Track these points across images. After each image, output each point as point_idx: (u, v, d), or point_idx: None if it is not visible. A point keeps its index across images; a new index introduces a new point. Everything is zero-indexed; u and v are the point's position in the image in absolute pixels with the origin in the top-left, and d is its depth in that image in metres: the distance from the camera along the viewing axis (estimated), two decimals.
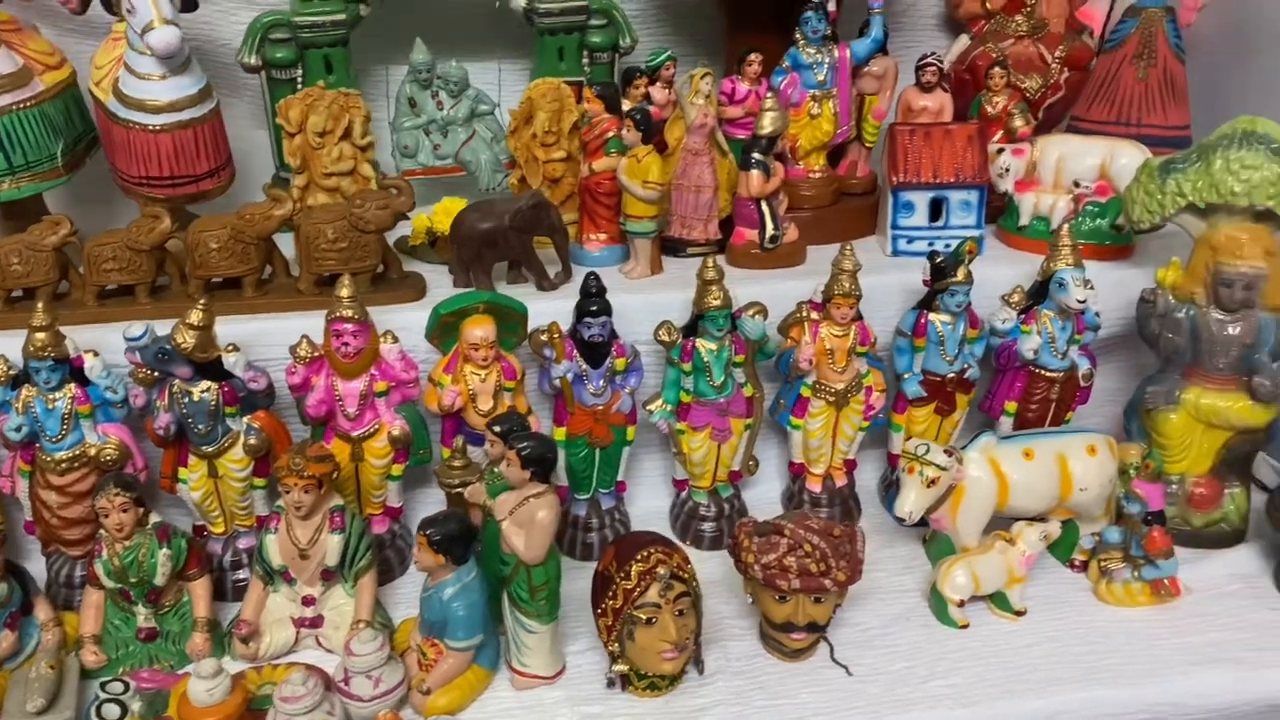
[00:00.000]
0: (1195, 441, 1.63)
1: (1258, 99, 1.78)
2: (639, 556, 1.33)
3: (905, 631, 1.51)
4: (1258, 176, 1.51)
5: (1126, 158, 1.74)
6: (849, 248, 1.59)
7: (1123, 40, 1.90)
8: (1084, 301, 1.59)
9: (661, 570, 1.32)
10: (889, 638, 1.50)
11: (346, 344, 1.46)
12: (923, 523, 1.58)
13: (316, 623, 1.45)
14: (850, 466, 1.74)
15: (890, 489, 1.77)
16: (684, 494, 1.71)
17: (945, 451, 1.49)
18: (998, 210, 1.92)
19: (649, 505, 1.77)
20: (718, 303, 1.55)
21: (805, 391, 1.66)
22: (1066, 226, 1.64)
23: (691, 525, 1.69)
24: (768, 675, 1.43)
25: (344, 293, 1.46)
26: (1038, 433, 1.62)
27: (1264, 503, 1.61)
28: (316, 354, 1.49)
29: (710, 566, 1.59)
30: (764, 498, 1.78)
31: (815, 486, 1.72)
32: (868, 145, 1.99)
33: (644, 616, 1.32)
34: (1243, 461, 1.66)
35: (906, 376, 1.67)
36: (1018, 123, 1.89)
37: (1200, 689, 1.42)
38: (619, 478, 1.67)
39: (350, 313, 1.45)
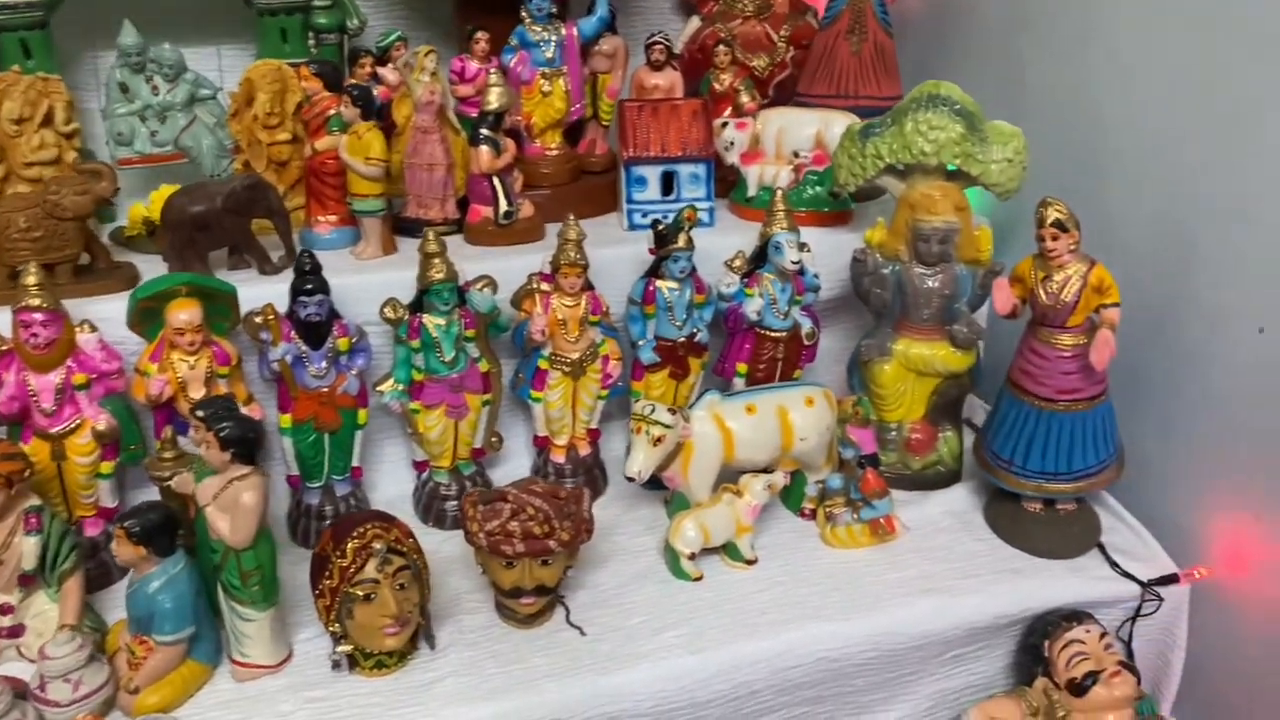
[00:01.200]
0: (908, 390, 1.74)
1: (960, 69, 1.92)
2: (354, 534, 1.32)
3: (642, 589, 1.55)
4: (943, 137, 1.63)
5: (839, 126, 1.84)
6: (573, 218, 1.63)
7: (836, 17, 2.01)
8: (798, 263, 1.68)
9: (378, 545, 1.31)
10: (625, 596, 1.54)
11: (35, 335, 1.39)
12: (661, 485, 1.63)
13: (16, 632, 1.37)
14: (594, 436, 1.77)
15: None
16: (425, 475, 1.71)
17: (670, 410, 1.54)
18: (731, 185, 2.00)
19: (392, 491, 1.76)
20: (441, 275, 1.55)
21: (543, 364, 1.69)
22: (781, 192, 1.72)
23: (434, 506, 1.68)
24: (502, 644, 1.45)
25: (29, 281, 1.38)
26: (759, 389, 1.69)
27: (973, 443, 1.73)
28: (5, 348, 1.41)
29: (454, 545, 1.59)
30: (513, 474, 1.79)
31: (560, 458, 1.75)
32: (604, 124, 2.03)
33: (362, 593, 1.31)
34: (952, 406, 1.79)
35: (640, 344, 1.72)
36: (744, 99, 1.97)
37: (914, 617, 1.52)
38: (354, 463, 1.65)
39: (37, 301, 1.38)
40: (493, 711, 1.33)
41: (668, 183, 1.88)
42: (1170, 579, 1.59)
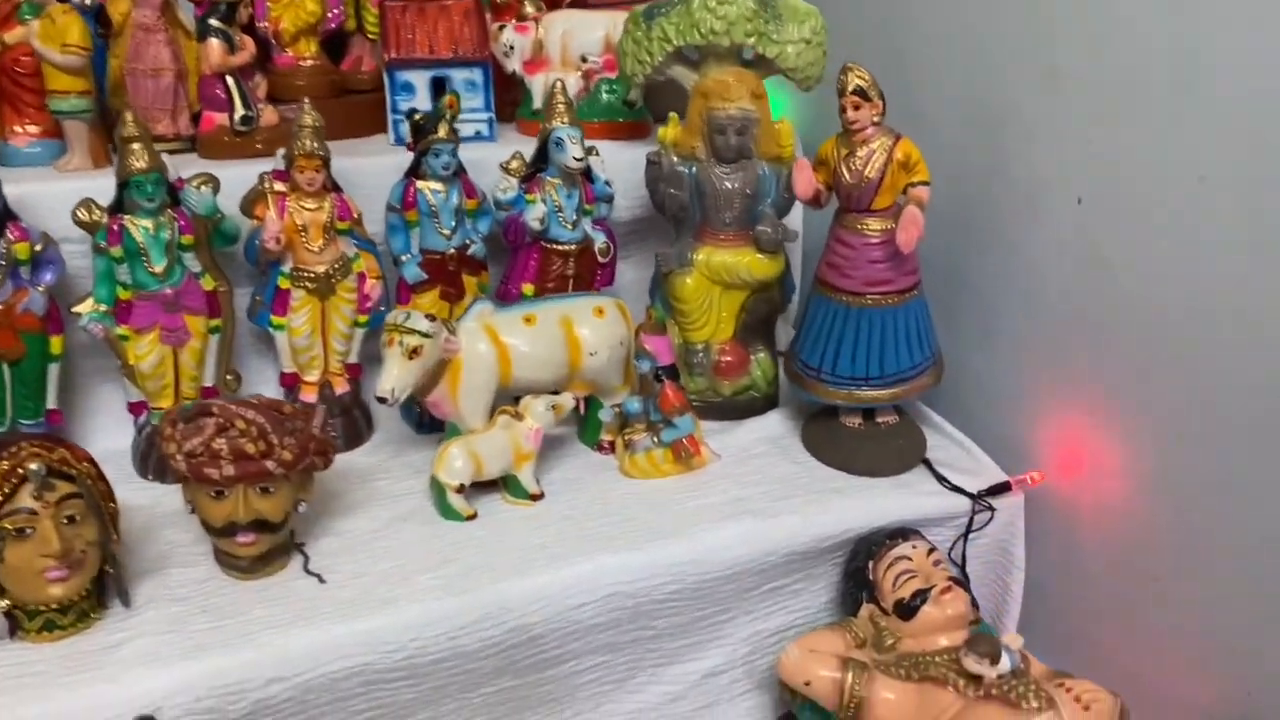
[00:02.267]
0: (714, 305, 1.57)
1: None
2: (3, 456, 1.04)
3: (402, 532, 1.32)
4: (734, 12, 1.48)
5: None
6: (307, 102, 1.40)
7: None
8: (582, 160, 1.49)
9: (34, 466, 1.04)
10: (381, 541, 1.30)
11: None
12: (436, 427, 1.40)
13: None
14: (353, 373, 1.53)
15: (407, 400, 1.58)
16: (143, 419, 1.43)
17: (428, 317, 1.32)
18: (517, 105, 1.81)
19: (111, 445, 1.46)
20: (143, 165, 1.30)
21: (283, 282, 1.44)
22: (560, 84, 1.54)
23: (152, 455, 1.40)
24: (218, 597, 1.19)
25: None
26: (539, 299, 1.49)
27: (783, 361, 1.57)
28: None
29: (176, 499, 1.31)
30: None
31: (311, 397, 1.50)
32: (371, 38, 1.81)
33: (13, 527, 1.03)
34: (764, 326, 1.63)
35: (405, 259, 1.49)
36: (529, 9, 1.79)
37: (721, 543, 1.33)
38: (49, 405, 1.36)
39: None
40: (192, 673, 1.07)
41: (439, 90, 1.67)
42: (1002, 487, 1.44)
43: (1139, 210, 1.26)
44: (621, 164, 1.66)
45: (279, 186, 1.41)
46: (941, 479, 1.46)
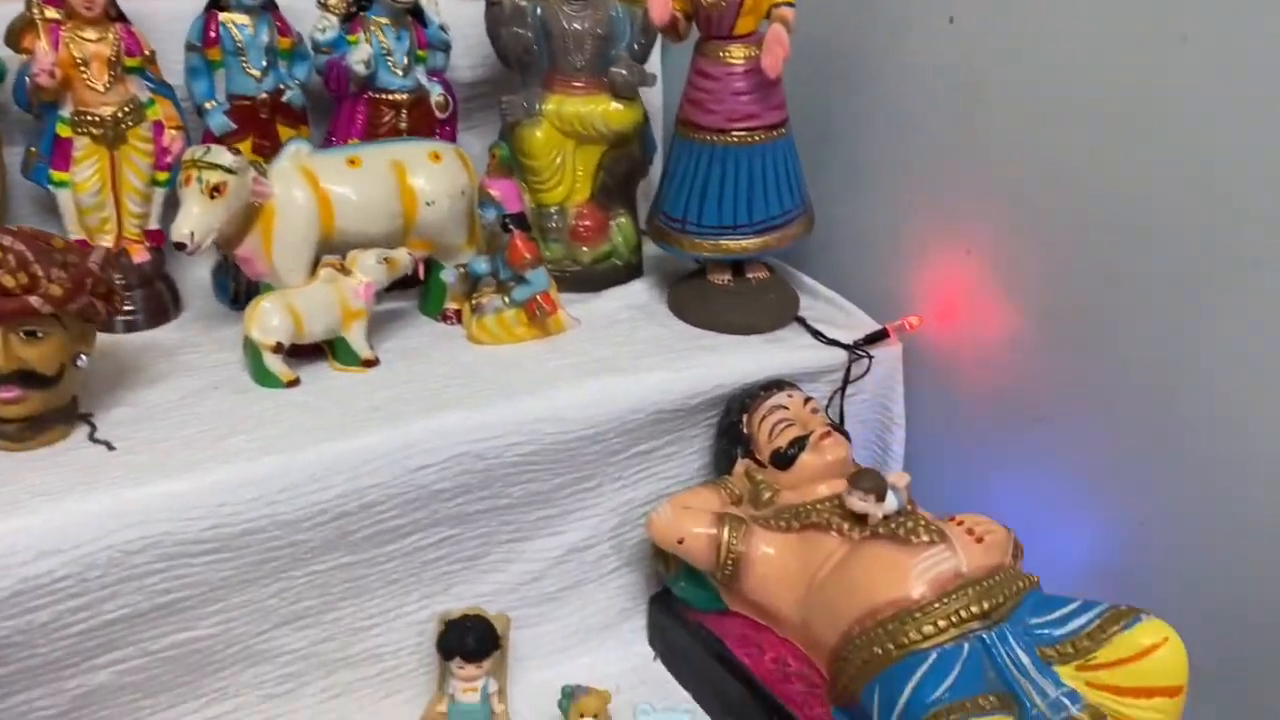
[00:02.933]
0: (567, 162, 1.44)
1: None
2: None
3: (211, 400, 1.15)
4: None
5: None
6: None
7: None
8: None
9: None
10: (186, 409, 1.13)
11: None
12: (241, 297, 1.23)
13: None
14: (155, 239, 1.34)
15: (219, 272, 1.40)
16: None
17: (232, 151, 1.14)
18: None
19: None
20: None
21: (63, 129, 1.25)
22: None
23: None
24: None
25: None
26: (367, 142, 1.33)
27: (646, 222, 1.44)
28: None
29: None
30: None
31: None
32: None
33: None
34: (624, 186, 1.51)
35: (209, 107, 1.31)
36: None
37: (581, 399, 1.20)
38: None
39: None
40: None
41: None
42: (879, 335, 1.36)
43: (1015, 28, 1.18)
44: (462, 20, 1.50)
45: (51, 13, 1.22)
46: (816, 333, 1.37)
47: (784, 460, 1.19)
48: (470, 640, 1.08)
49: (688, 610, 1.24)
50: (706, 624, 1.21)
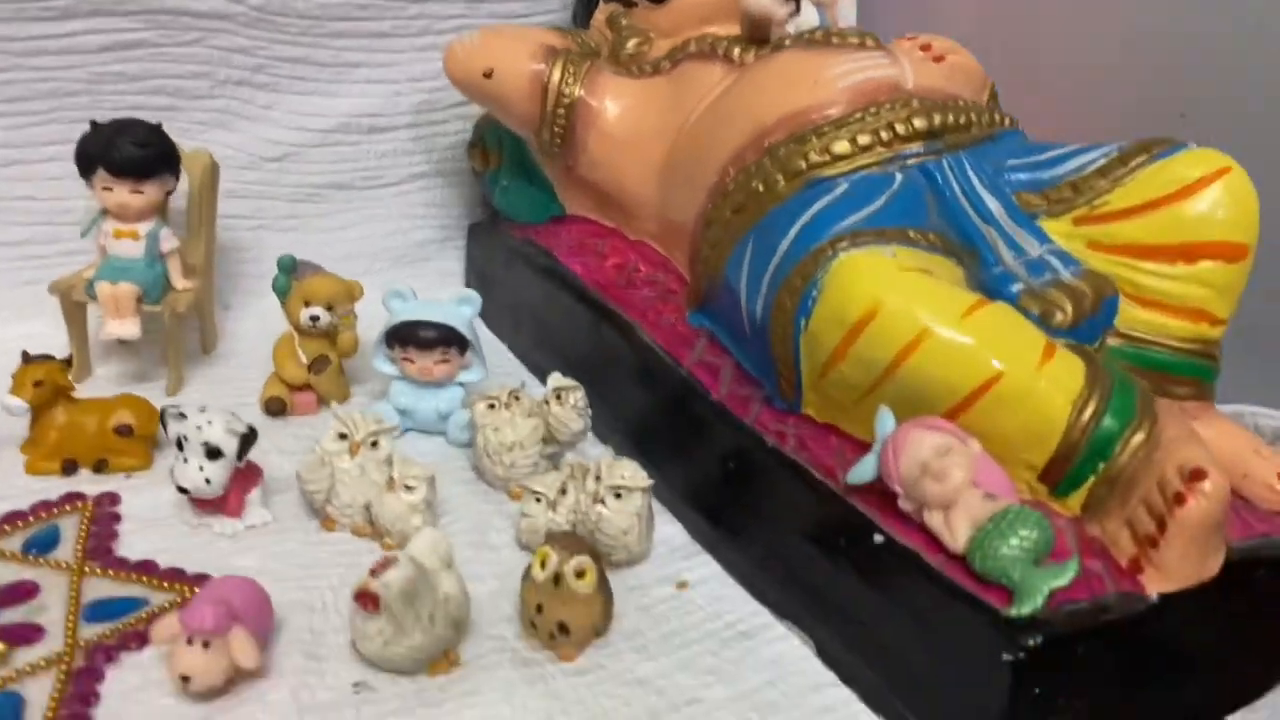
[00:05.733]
0: None
1: None
2: None
3: None
4: None
5: None
6: None
7: None
8: None
9: None
10: None
11: None
12: None
13: None
14: None
15: None
16: None
17: None
18: None
19: None
20: None
21: None
22: None
23: None
24: None
25: None
26: None
27: None
28: None
29: None
30: None
31: None
32: None
33: None
34: None
35: None
36: None
37: None
38: None
39: None
40: None
41: None
42: None
43: None
44: None
45: None
46: None
47: None
48: (124, 148, 0.69)
49: (514, 228, 0.87)
50: (535, 238, 0.85)
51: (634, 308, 0.74)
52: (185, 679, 0.48)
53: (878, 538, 0.52)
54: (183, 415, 0.59)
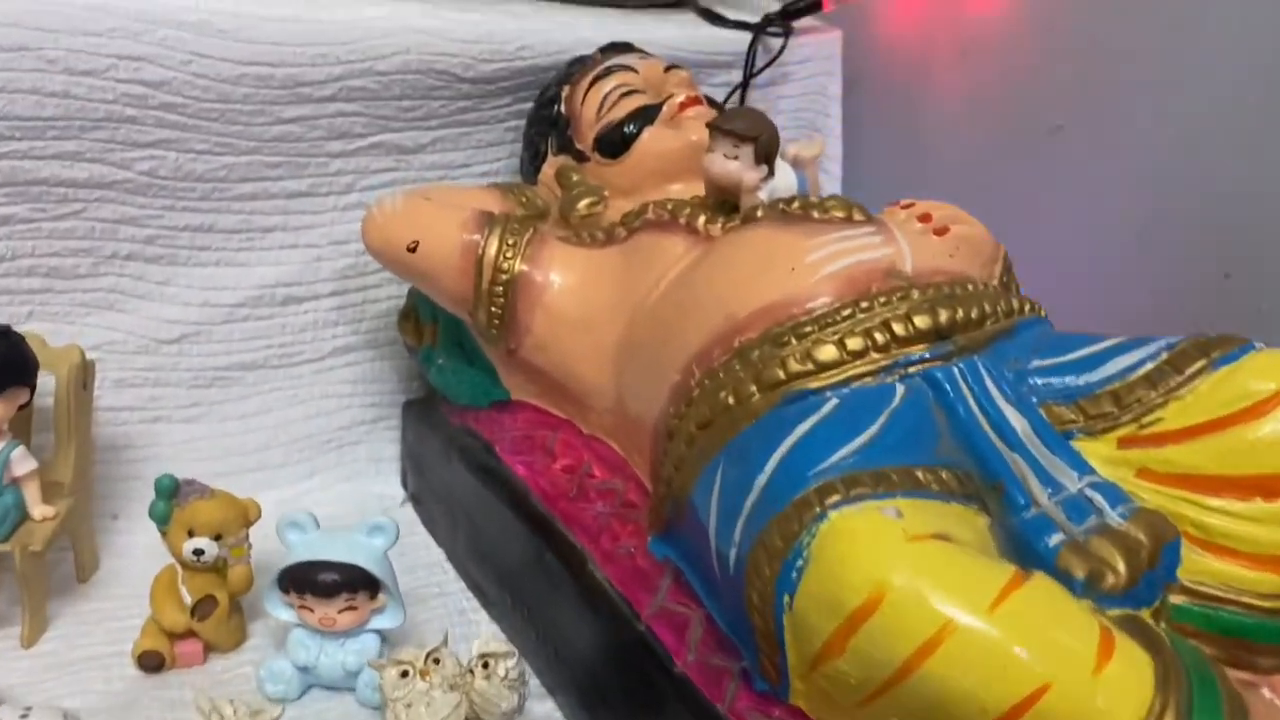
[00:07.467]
0: None
1: None
2: None
3: None
4: None
5: None
6: None
7: None
8: None
9: None
10: None
11: None
12: None
13: None
14: None
15: None
16: None
17: None
18: None
19: None
20: None
21: None
22: None
23: None
24: None
25: None
26: None
27: None
28: None
29: None
30: None
31: None
32: None
33: None
34: None
35: None
36: None
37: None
38: None
39: None
40: None
41: None
42: (811, 6, 0.88)
43: None
44: None
45: None
46: (712, 16, 0.89)
47: (617, 143, 0.71)
48: None
49: (452, 411, 0.76)
50: (474, 425, 0.73)
51: (585, 529, 0.62)
52: None
53: None
54: None
